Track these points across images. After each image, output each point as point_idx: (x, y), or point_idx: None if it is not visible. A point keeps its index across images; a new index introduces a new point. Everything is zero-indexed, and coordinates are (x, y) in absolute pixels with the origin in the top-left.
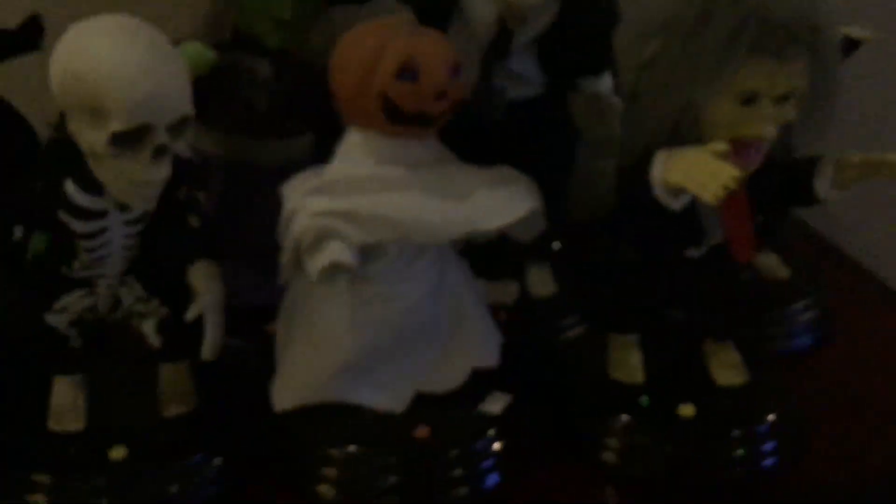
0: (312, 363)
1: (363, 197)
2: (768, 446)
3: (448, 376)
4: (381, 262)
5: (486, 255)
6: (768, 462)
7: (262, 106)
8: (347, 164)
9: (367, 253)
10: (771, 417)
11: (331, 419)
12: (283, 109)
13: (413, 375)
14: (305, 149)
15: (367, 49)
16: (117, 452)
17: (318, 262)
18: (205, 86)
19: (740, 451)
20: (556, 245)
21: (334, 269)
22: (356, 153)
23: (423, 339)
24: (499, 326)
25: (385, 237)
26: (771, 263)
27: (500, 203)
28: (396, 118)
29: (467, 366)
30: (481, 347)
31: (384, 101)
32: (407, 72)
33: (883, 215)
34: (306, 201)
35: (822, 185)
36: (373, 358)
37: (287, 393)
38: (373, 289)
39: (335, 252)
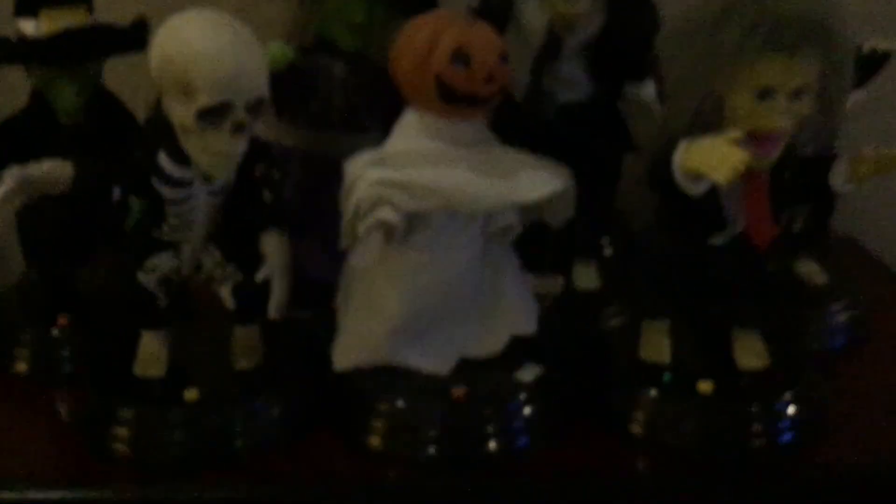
0: (367, 328)
1: (415, 169)
2: (785, 423)
3: (489, 342)
4: (428, 234)
5: (535, 249)
6: (785, 438)
7: (337, 103)
8: (403, 141)
9: (415, 224)
10: (787, 396)
11: (380, 377)
12: (355, 107)
13: (457, 341)
14: (375, 143)
15: (425, 36)
16: (191, 394)
17: (369, 220)
18: (286, 83)
19: (758, 426)
20: (606, 249)
21: (380, 227)
22: (411, 131)
23: (466, 307)
24: (542, 314)
25: (433, 205)
26: (811, 270)
27: (535, 181)
28: (450, 99)
29: (506, 333)
30: (519, 316)
31: (439, 83)
32: (460, 57)
33: None
34: (366, 171)
35: (838, 179)
36: (420, 323)
37: (345, 354)
38: (420, 258)
39: (383, 213)
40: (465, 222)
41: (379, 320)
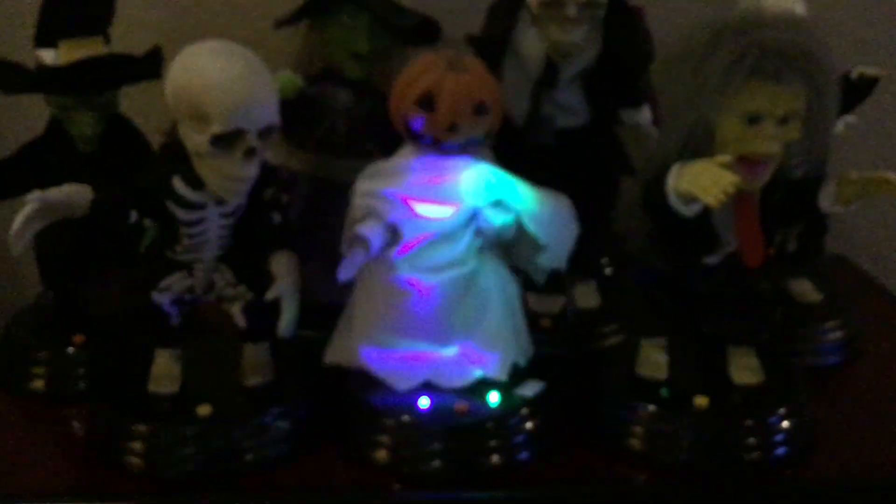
0: (349, 333)
1: (391, 180)
2: (779, 437)
3: (457, 374)
4: (402, 250)
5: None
6: (779, 452)
7: (342, 129)
8: (396, 159)
9: (398, 238)
10: (781, 411)
11: (384, 393)
12: (360, 133)
13: (426, 365)
14: None
15: (407, 76)
16: (204, 409)
17: (351, 232)
18: (294, 110)
19: (752, 440)
20: (605, 269)
21: (358, 241)
22: (405, 152)
23: (439, 332)
24: (542, 332)
25: (395, 218)
26: (804, 289)
27: (487, 188)
28: (413, 139)
29: (475, 372)
30: (492, 358)
31: (404, 122)
32: (425, 102)
33: None
34: (358, 182)
35: (826, 199)
36: (390, 337)
37: (332, 352)
38: (394, 275)
39: (362, 226)
40: (447, 247)
41: (357, 329)
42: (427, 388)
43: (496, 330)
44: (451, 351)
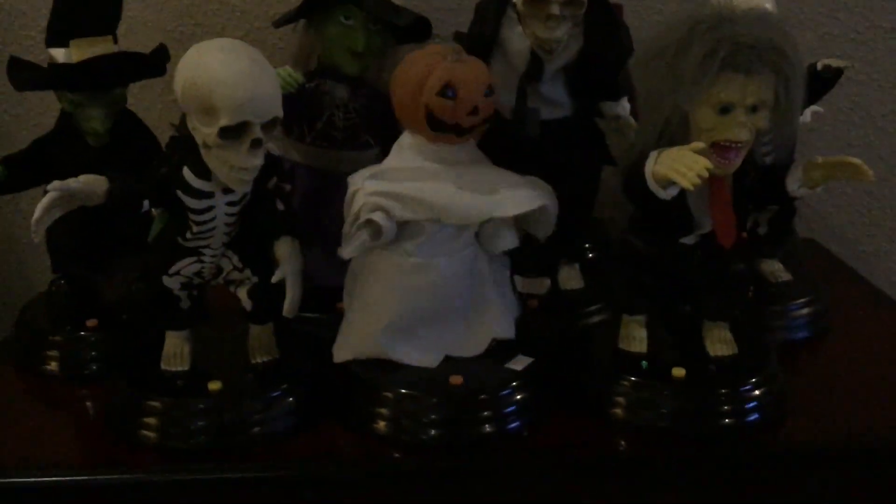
0: (363, 324)
1: (408, 183)
2: (751, 405)
3: (473, 344)
4: (419, 241)
5: (524, 254)
6: (751, 418)
7: (339, 122)
8: (399, 158)
9: (408, 232)
10: (753, 380)
11: (384, 369)
12: (356, 126)
13: (444, 340)
14: (373, 159)
15: (418, 70)
16: (214, 385)
17: (361, 220)
18: (293, 104)
19: (726, 407)
20: (588, 253)
21: (367, 226)
22: (406, 151)
23: (454, 310)
24: (531, 312)
25: (421, 216)
26: (775, 269)
27: (517, 197)
28: (437, 127)
29: (488, 336)
30: (501, 322)
31: (428, 113)
32: (447, 91)
33: (877, 230)
34: (365, 184)
35: (793, 183)
36: (410, 322)
37: (344, 348)
38: (414, 261)
39: (373, 215)
40: (455, 232)
41: (373, 318)
42: (449, 360)
43: (495, 296)
44: (464, 323)
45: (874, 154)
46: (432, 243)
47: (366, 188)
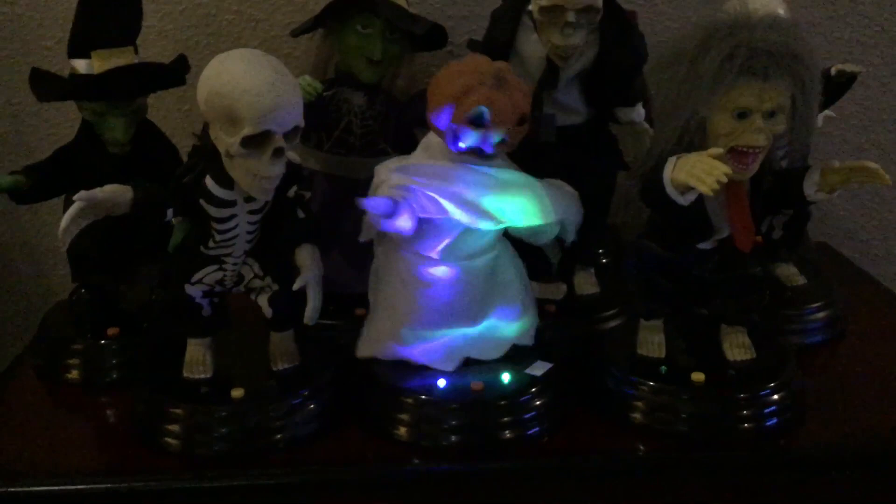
0: (384, 323)
1: (434, 181)
2: (770, 409)
3: (492, 349)
4: (440, 242)
5: (540, 260)
6: (770, 423)
7: (357, 130)
8: (426, 155)
9: (428, 232)
10: (772, 385)
11: (405, 374)
12: (373, 133)
13: (463, 343)
14: None
15: (455, 89)
16: (237, 392)
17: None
18: (312, 112)
19: (745, 412)
20: (604, 259)
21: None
22: (431, 150)
23: (474, 313)
24: (548, 317)
25: (441, 215)
26: (790, 273)
27: (534, 211)
28: (458, 148)
29: (508, 342)
30: (521, 329)
31: (453, 135)
32: (479, 120)
33: (889, 233)
34: (391, 176)
35: (810, 188)
36: (431, 324)
37: (365, 346)
38: (434, 266)
39: (395, 193)
40: (477, 236)
41: (393, 320)
42: (474, 361)
43: (521, 301)
44: (484, 327)
45: (885, 158)
46: (453, 246)
47: (391, 180)
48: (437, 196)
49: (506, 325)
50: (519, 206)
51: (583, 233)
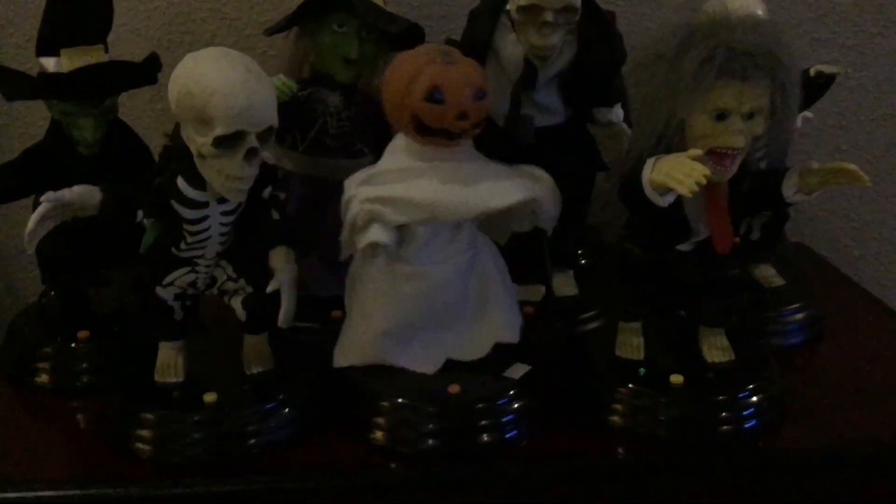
0: (362, 330)
1: (400, 185)
2: (749, 411)
3: (474, 348)
4: (415, 246)
5: (519, 261)
6: (749, 424)
7: (333, 130)
8: (391, 160)
9: (403, 236)
10: (751, 387)
11: (381, 378)
12: (349, 134)
13: (445, 344)
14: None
15: (404, 74)
16: (210, 397)
17: (362, 241)
18: (287, 112)
19: (724, 414)
20: (583, 260)
21: (374, 248)
22: (399, 152)
23: (453, 314)
24: (526, 319)
25: (416, 217)
26: (768, 274)
27: (504, 191)
28: (425, 132)
29: (491, 341)
30: (504, 326)
31: (414, 118)
32: (434, 96)
33: (866, 234)
34: (358, 190)
35: (789, 189)
36: (409, 327)
37: (343, 354)
38: (408, 268)
39: (375, 233)
40: (450, 237)
41: (371, 325)
42: (451, 365)
43: (501, 299)
44: (466, 327)
45: (863, 158)
46: (427, 249)
47: (359, 195)
48: (406, 200)
49: (488, 324)
50: (490, 191)
51: (561, 233)
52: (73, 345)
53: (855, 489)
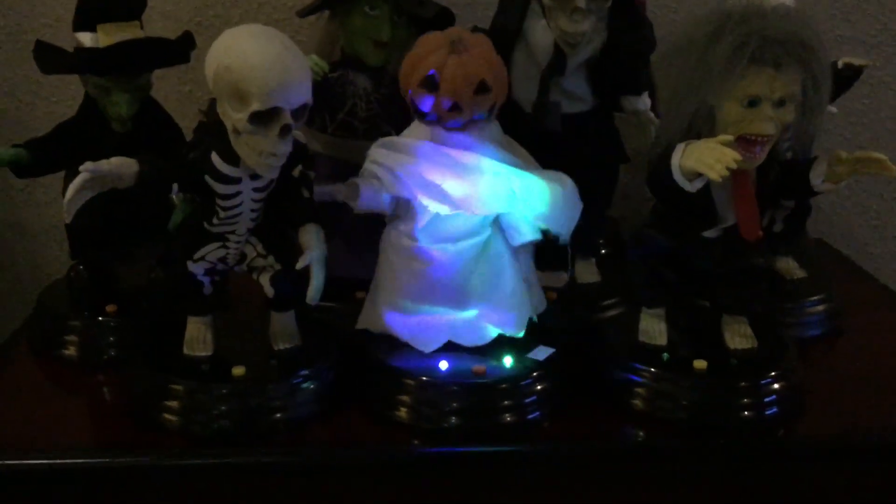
0: (374, 298)
1: (404, 160)
2: (770, 398)
3: (477, 335)
4: (416, 224)
5: (541, 248)
6: (770, 411)
7: (361, 113)
8: (408, 134)
9: (405, 213)
10: (773, 374)
11: (407, 357)
12: (377, 116)
13: (448, 326)
14: None
15: (414, 56)
16: (238, 370)
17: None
18: (316, 93)
19: (746, 400)
20: (604, 249)
21: (354, 190)
22: (416, 130)
23: (458, 298)
24: (549, 304)
25: (403, 194)
26: (790, 266)
27: (494, 198)
28: (419, 116)
29: (494, 330)
30: (508, 318)
31: (411, 101)
32: (428, 83)
33: (886, 231)
34: (373, 150)
35: (817, 178)
36: (411, 303)
37: (363, 319)
38: (412, 246)
39: (362, 182)
40: (460, 219)
41: (380, 295)
42: (449, 348)
43: (511, 291)
44: (470, 313)
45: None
46: (432, 228)
47: (371, 155)
48: (402, 175)
49: (492, 314)
50: (482, 192)
51: (584, 222)
52: (100, 318)
53: (873, 478)
